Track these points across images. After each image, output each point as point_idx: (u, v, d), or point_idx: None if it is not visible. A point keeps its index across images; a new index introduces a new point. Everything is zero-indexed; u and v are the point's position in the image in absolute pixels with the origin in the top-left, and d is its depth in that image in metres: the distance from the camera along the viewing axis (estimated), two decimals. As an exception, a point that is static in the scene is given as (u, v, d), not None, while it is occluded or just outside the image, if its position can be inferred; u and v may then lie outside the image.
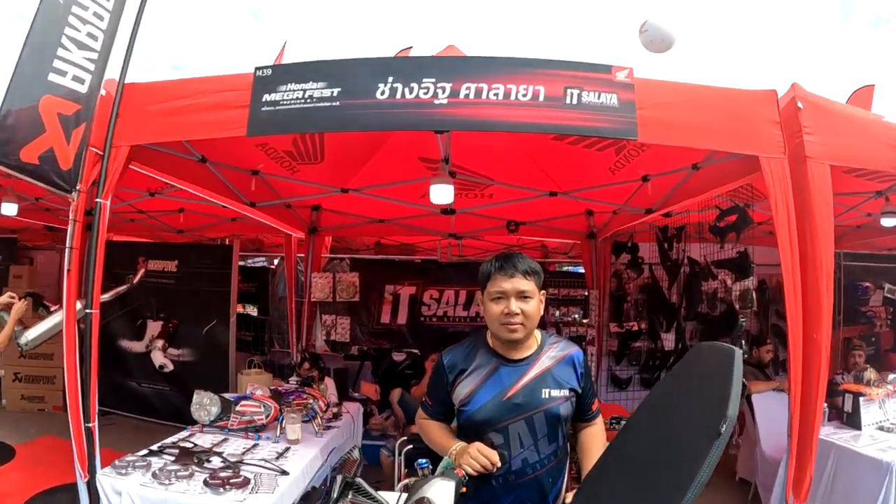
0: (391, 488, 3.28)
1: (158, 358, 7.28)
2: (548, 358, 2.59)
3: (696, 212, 5.89)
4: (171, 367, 7.43)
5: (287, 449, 4.38)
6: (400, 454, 5.43)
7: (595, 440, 2.72)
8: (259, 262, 12.75)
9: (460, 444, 2.49)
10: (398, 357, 8.30)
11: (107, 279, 7.62)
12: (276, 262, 11.25)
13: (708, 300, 6.12)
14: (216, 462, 3.96)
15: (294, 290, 8.70)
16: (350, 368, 8.65)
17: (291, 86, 3.72)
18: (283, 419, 4.63)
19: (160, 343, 7.49)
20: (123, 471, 3.73)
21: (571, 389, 2.58)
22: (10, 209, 7.46)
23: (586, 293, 8.41)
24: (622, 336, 8.14)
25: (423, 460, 2.78)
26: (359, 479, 2.33)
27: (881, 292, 8.11)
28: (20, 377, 8.52)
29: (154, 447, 4.18)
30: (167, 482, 3.54)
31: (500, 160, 6.04)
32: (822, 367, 3.66)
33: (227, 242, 9.48)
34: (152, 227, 9.56)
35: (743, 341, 5.84)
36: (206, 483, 3.50)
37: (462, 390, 2.57)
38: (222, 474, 3.60)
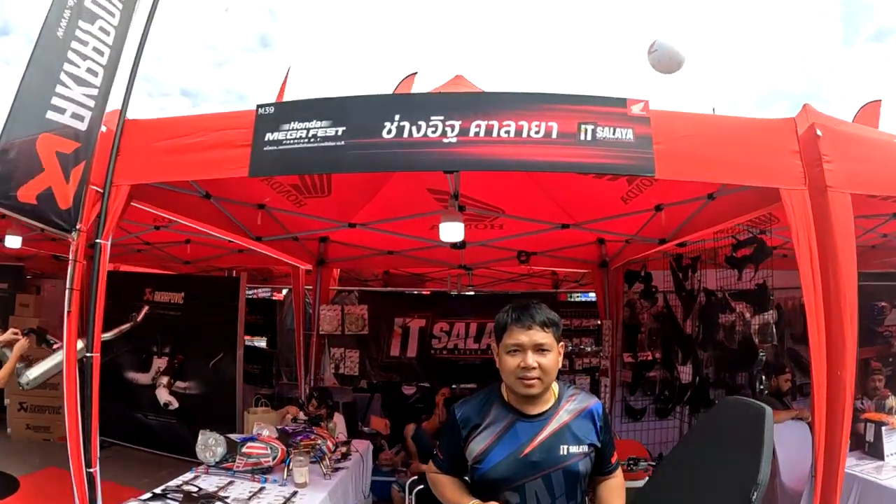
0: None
1: (164, 395, 7.20)
2: (566, 412, 2.48)
3: (712, 240, 5.75)
4: (176, 404, 7.36)
5: (294, 493, 4.26)
6: (410, 493, 5.31)
7: (614, 495, 2.62)
8: (265, 291, 12.66)
9: (475, 502, 2.39)
10: (408, 390, 8.21)
11: (113, 310, 7.69)
12: (283, 293, 11.15)
13: (725, 333, 5.96)
14: None
15: (302, 323, 8.61)
16: (359, 401, 8.45)
17: (295, 124, 3.63)
18: (290, 461, 4.51)
19: (165, 380, 7.41)
20: (127, 516, 3.57)
21: (591, 445, 2.46)
22: (14, 241, 7.42)
23: (599, 322, 8.27)
24: (636, 367, 7.96)
25: None
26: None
27: (899, 311, 8.02)
28: (26, 407, 8.43)
29: (158, 490, 4.08)
30: (171, 528, 3.40)
31: (510, 191, 5.96)
32: (846, 404, 3.50)
33: (234, 274, 9.40)
34: (159, 258, 9.47)
35: (763, 376, 5.66)
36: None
37: (476, 447, 2.44)
38: None
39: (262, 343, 10.51)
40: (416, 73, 6.91)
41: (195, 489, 4.15)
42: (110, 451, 7.80)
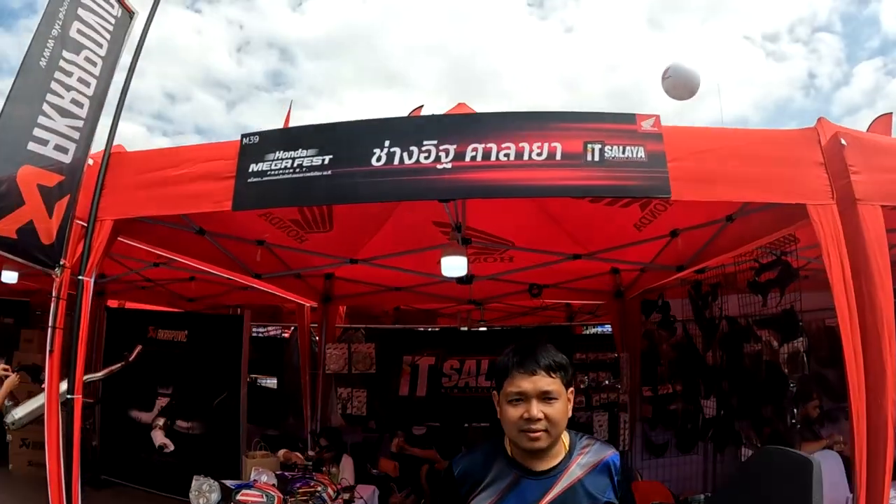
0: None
1: (159, 438, 6.97)
2: (578, 466, 2.17)
3: (733, 265, 5.44)
4: (171, 447, 7.13)
5: None
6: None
7: None
8: (274, 329, 12.43)
9: None
10: (418, 431, 7.89)
11: (116, 347, 7.62)
12: (290, 330, 10.93)
13: (751, 363, 5.61)
14: None
15: (308, 362, 8.37)
16: (369, 442, 8.19)
17: (279, 154, 3.44)
18: (285, 512, 4.23)
19: (161, 422, 7.18)
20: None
21: (607, 502, 2.16)
22: (10, 277, 7.33)
23: (616, 355, 7.96)
24: (656, 401, 7.65)
25: None
26: None
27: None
28: (28, 443, 8.26)
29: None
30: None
31: (518, 222, 5.74)
32: (889, 436, 3.16)
33: (238, 312, 9.24)
34: (164, 295, 9.37)
35: (794, 408, 5.29)
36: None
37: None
38: None
39: (271, 382, 10.27)
40: (422, 106, 6.73)
41: None
42: (114, 490, 7.84)
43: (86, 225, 3.77)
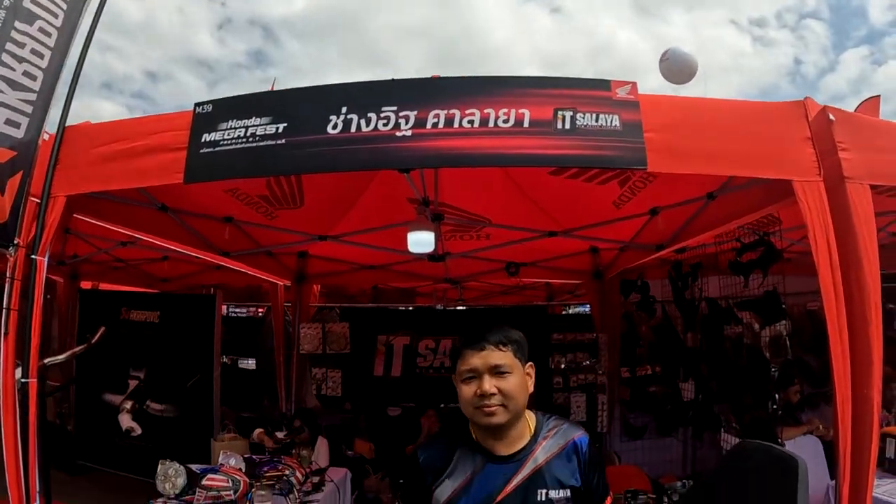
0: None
1: (126, 421, 6.81)
2: (544, 450, 2.12)
3: (713, 244, 5.29)
4: (138, 431, 7.00)
5: None
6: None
7: None
8: (252, 310, 12.23)
9: None
10: (393, 412, 7.84)
11: (87, 330, 7.42)
12: (263, 311, 10.74)
13: (732, 346, 5.47)
14: None
15: (282, 342, 8.21)
16: (343, 425, 8.01)
17: (233, 122, 3.26)
18: (251, 496, 4.06)
19: (129, 405, 7.03)
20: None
21: (575, 488, 2.10)
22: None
23: (594, 336, 7.82)
24: (635, 382, 7.55)
25: None
26: None
27: (899, 316, 7.66)
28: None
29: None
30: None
31: (494, 198, 5.58)
32: (873, 425, 3.03)
33: (211, 291, 9.03)
34: (137, 276, 9.21)
35: (776, 394, 5.14)
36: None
37: (440, 496, 2.09)
38: None
39: (251, 364, 10.12)
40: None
41: None
42: (89, 476, 7.65)
43: (40, 202, 3.60)
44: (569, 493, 2.07)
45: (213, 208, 5.37)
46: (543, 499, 2.04)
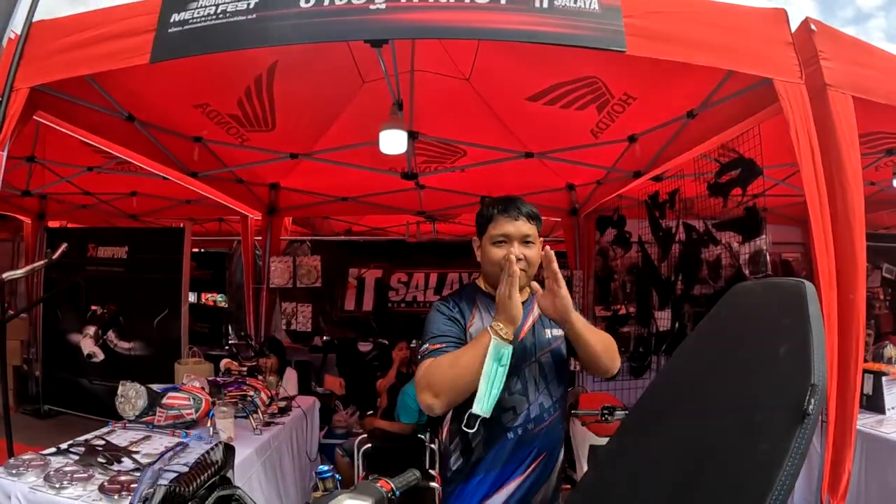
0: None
1: (88, 345, 6.69)
2: (535, 302, 2.34)
3: (694, 175, 5.18)
4: (101, 356, 6.91)
5: None
6: (358, 453, 4.83)
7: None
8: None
9: (490, 324, 2.15)
10: (364, 347, 7.73)
11: (55, 269, 7.32)
12: (234, 245, 10.56)
13: (710, 269, 5.36)
14: (128, 464, 3.31)
15: (252, 277, 8.06)
16: (314, 362, 7.99)
17: (203, 1, 3.09)
18: (213, 414, 3.95)
19: (92, 330, 6.90)
20: (15, 471, 3.09)
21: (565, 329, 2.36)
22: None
23: (569, 274, 7.70)
24: (610, 320, 7.44)
25: (326, 468, 2.12)
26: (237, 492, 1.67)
27: (879, 272, 8.01)
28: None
29: (63, 445, 3.54)
30: (59, 485, 2.94)
31: (469, 124, 5.47)
32: (860, 333, 3.00)
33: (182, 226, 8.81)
34: (106, 214, 9.00)
35: None
36: (101, 489, 2.89)
37: (475, 332, 2.31)
38: (123, 478, 2.97)
39: (218, 300, 10.02)
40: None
41: (102, 443, 3.61)
42: (57, 420, 7.70)
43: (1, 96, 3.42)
44: (562, 333, 2.37)
45: (182, 125, 5.20)
46: (550, 336, 2.40)
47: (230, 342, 9.00)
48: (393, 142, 4.59)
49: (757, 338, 1.21)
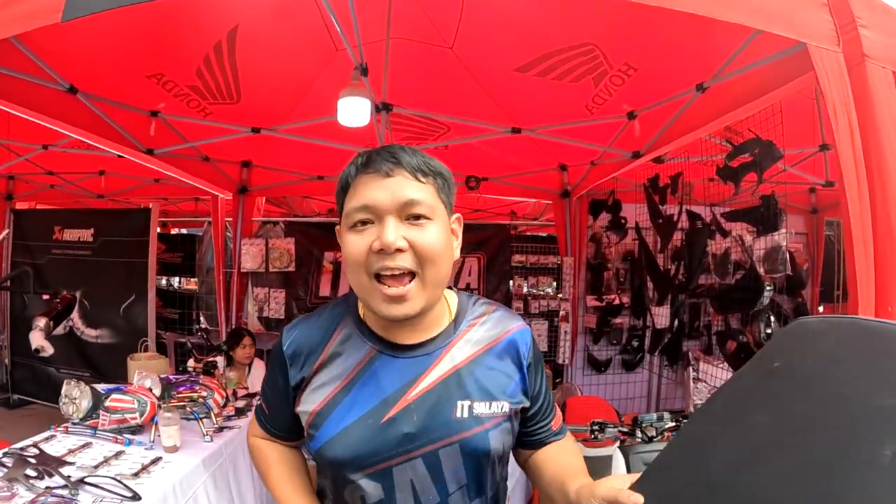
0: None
1: (36, 339, 6.30)
2: (468, 343, 1.47)
3: (700, 158, 4.73)
4: (50, 350, 6.58)
5: (158, 459, 3.31)
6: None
7: (569, 454, 1.62)
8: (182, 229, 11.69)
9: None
10: (341, 335, 7.24)
11: (21, 252, 7.05)
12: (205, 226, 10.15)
13: (716, 264, 4.90)
14: (59, 479, 2.89)
15: (222, 260, 7.60)
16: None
17: None
18: (158, 419, 3.53)
19: (42, 322, 6.53)
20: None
21: (513, 403, 1.47)
22: None
23: (559, 261, 7.36)
24: (601, 311, 7.09)
25: None
26: None
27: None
28: None
29: (-1, 453, 3.16)
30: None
31: (452, 99, 5.04)
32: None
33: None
34: (74, 195, 8.61)
35: (770, 316, 4.53)
36: (21, 513, 2.49)
37: (310, 401, 1.44)
38: (46, 500, 2.61)
39: (192, 286, 9.66)
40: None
41: (35, 453, 3.17)
42: (26, 409, 7.67)
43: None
44: (505, 408, 1.45)
45: (135, 98, 4.78)
46: (466, 414, 1.40)
47: (201, 327, 8.62)
48: (354, 112, 4.10)
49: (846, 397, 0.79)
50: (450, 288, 1.55)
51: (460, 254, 1.50)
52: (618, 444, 3.46)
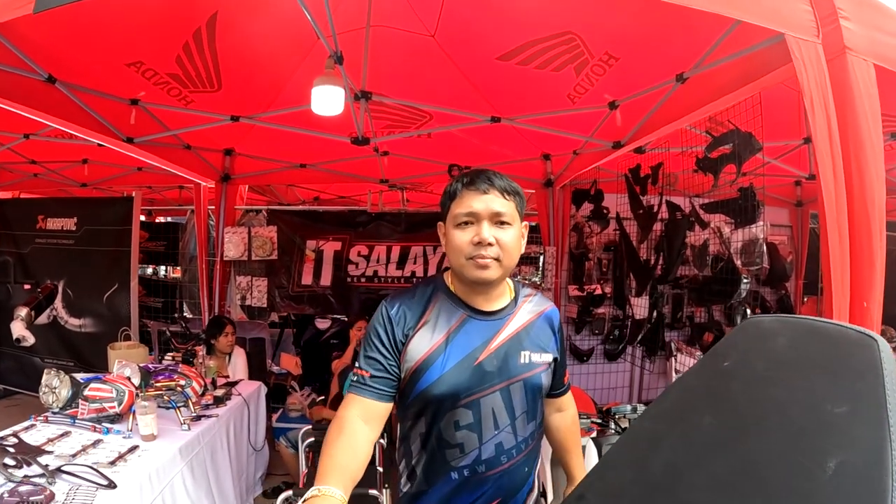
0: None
1: (17, 329, 6.27)
2: (526, 312, 2.06)
3: (679, 149, 4.73)
4: (31, 340, 6.59)
5: (135, 448, 3.34)
6: (302, 445, 4.44)
7: (572, 436, 2.35)
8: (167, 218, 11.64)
9: (325, 495, 1.59)
10: (322, 325, 7.43)
11: (4, 242, 7.00)
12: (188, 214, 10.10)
13: (695, 255, 4.91)
14: (38, 467, 2.93)
15: (205, 248, 7.58)
16: (272, 338, 7.66)
17: None
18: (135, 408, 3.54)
19: (23, 312, 6.49)
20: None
21: (554, 354, 2.10)
22: None
23: (541, 251, 7.37)
24: (583, 301, 7.11)
25: None
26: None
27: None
28: None
29: (-26, 444, 3.16)
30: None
31: (434, 87, 5.01)
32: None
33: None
34: (57, 184, 8.62)
35: (747, 310, 4.56)
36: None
37: (416, 351, 1.93)
38: (23, 488, 2.64)
39: (173, 273, 9.76)
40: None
41: (14, 442, 3.23)
42: (10, 399, 7.71)
43: None
44: (550, 359, 2.05)
45: (115, 86, 4.76)
46: (526, 360, 1.98)
47: (181, 316, 8.60)
48: (327, 101, 4.09)
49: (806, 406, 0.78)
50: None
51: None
52: (593, 434, 3.50)
